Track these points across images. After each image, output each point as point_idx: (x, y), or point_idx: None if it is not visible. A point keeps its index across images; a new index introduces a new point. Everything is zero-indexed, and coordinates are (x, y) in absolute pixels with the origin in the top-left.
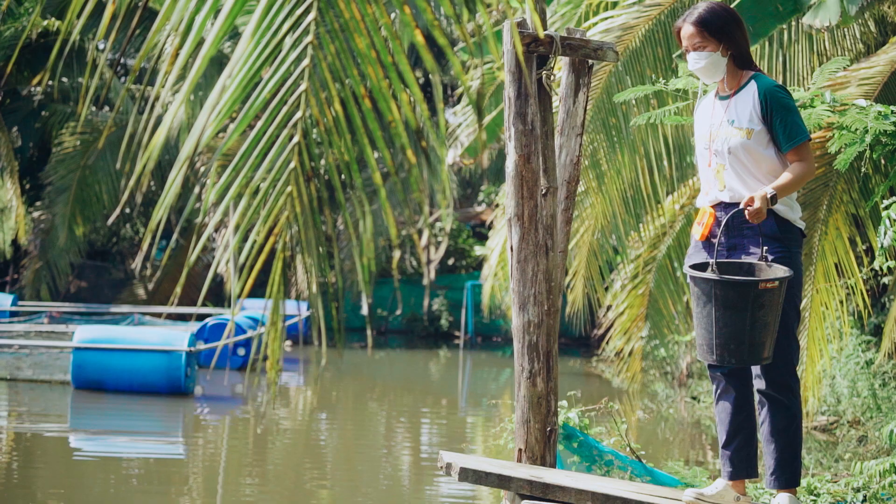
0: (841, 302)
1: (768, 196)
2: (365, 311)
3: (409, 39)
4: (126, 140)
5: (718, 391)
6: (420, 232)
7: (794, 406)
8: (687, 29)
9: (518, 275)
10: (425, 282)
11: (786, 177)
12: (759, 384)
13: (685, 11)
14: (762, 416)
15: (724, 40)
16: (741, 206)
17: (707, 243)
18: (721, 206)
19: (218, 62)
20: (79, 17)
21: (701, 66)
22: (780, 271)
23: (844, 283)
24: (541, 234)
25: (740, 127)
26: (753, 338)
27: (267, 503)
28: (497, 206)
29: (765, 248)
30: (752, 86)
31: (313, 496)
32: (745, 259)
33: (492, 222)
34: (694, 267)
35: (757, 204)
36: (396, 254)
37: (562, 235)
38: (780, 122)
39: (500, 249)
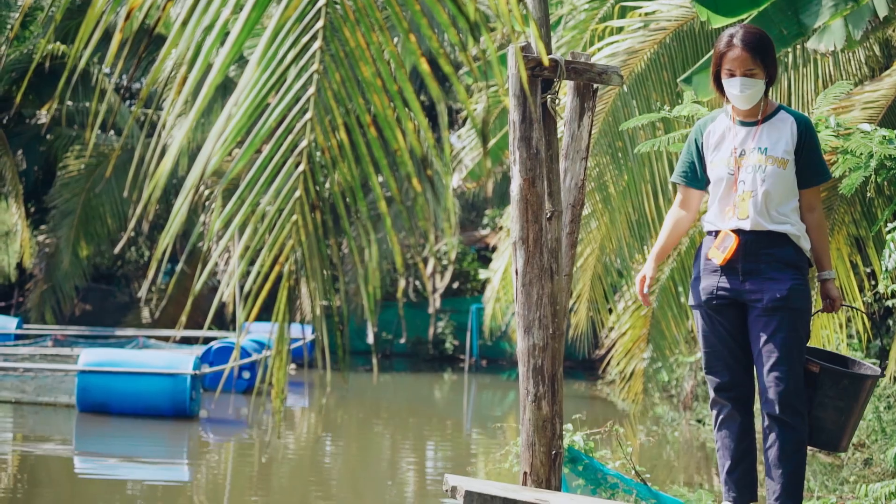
0: (841, 325)
1: (832, 279)
2: (370, 339)
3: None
4: (133, 167)
5: (721, 417)
6: (426, 260)
7: (802, 430)
8: (739, 53)
9: (523, 298)
10: (430, 310)
11: (820, 247)
12: (769, 409)
13: (724, 33)
14: (770, 440)
15: (769, 67)
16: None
17: (727, 267)
18: (739, 232)
19: (222, 87)
20: (86, 45)
21: (748, 93)
22: (869, 369)
23: (847, 307)
24: (546, 258)
25: (775, 156)
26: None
27: None
28: (501, 228)
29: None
30: (786, 116)
31: None
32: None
33: (495, 245)
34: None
35: (835, 295)
36: (402, 282)
37: (567, 259)
38: (811, 157)
39: (503, 272)
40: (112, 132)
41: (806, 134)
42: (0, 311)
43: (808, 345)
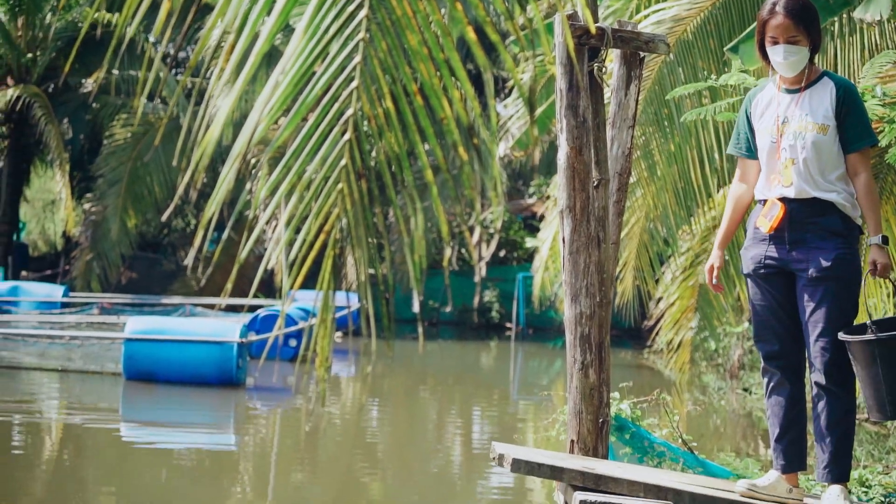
0: (888, 296)
1: (880, 244)
2: (416, 307)
3: (459, 33)
4: (182, 135)
5: (772, 384)
6: (472, 229)
7: (850, 400)
8: (782, 20)
9: (570, 266)
10: (477, 279)
11: (867, 211)
12: (817, 377)
13: (764, 2)
14: (818, 409)
15: (813, 34)
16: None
17: (774, 236)
18: (784, 201)
19: (267, 57)
20: (134, 14)
21: (792, 60)
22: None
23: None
24: (593, 226)
25: (815, 122)
26: None
27: (318, 494)
28: (548, 198)
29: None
30: (828, 82)
31: (364, 487)
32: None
33: (543, 214)
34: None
35: (884, 261)
36: (448, 250)
37: (614, 227)
38: (853, 121)
39: (551, 241)
40: (159, 101)
41: (846, 98)
42: (46, 280)
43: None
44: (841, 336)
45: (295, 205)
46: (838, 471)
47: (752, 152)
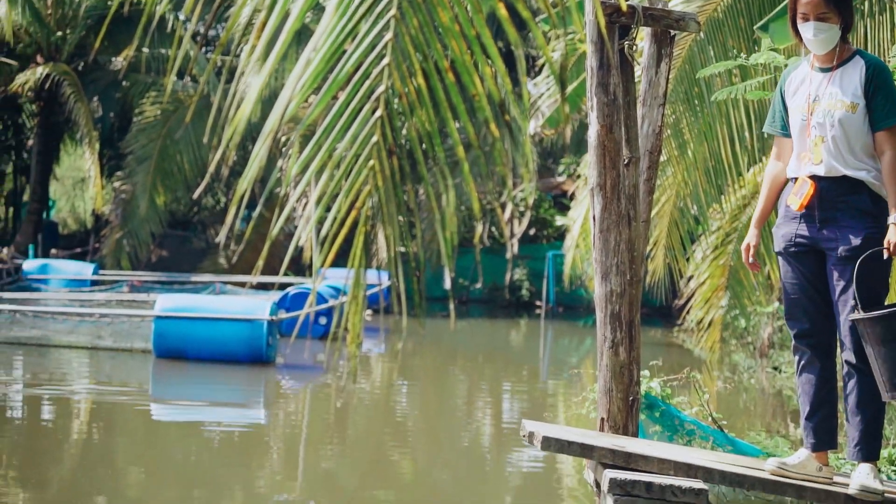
0: None
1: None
2: (448, 284)
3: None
4: (213, 113)
5: (802, 363)
6: (503, 206)
7: None
8: None
9: (600, 244)
10: (508, 255)
11: (891, 185)
12: (847, 356)
13: None
14: (849, 387)
15: (844, 12)
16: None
17: (805, 214)
18: (815, 179)
19: (297, 35)
20: None
21: (822, 37)
22: None
23: None
24: (623, 204)
25: (845, 100)
26: None
27: (348, 471)
28: (579, 176)
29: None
30: (859, 60)
31: (394, 465)
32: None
33: (574, 193)
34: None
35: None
36: (479, 227)
37: (644, 205)
38: (881, 99)
39: (582, 220)
40: (189, 79)
41: (875, 76)
42: (76, 257)
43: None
44: (851, 317)
45: (326, 182)
46: (868, 449)
47: (787, 130)
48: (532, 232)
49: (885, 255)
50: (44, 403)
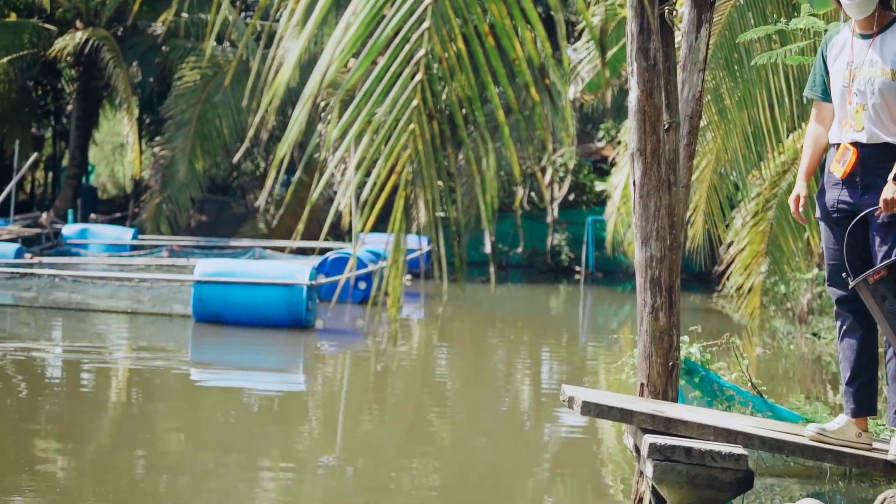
0: None
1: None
2: (488, 248)
3: None
4: (252, 76)
5: (844, 328)
6: (543, 170)
7: None
8: None
9: (640, 210)
10: (549, 220)
11: None
12: None
13: None
14: (889, 354)
15: None
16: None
17: (847, 181)
18: (856, 145)
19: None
20: None
21: (859, 1)
22: None
23: None
24: (663, 169)
25: (884, 67)
26: None
27: (386, 436)
28: (619, 143)
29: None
30: None
31: (433, 429)
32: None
33: (614, 159)
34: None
35: (888, 196)
36: (519, 191)
37: (684, 170)
38: None
39: (622, 186)
40: (228, 44)
41: None
42: (115, 222)
43: None
44: (852, 283)
45: (365, 147)
46: None
47: (827, 95)
48: (572, 197)
49: (879, 214)
50: (83, 368)
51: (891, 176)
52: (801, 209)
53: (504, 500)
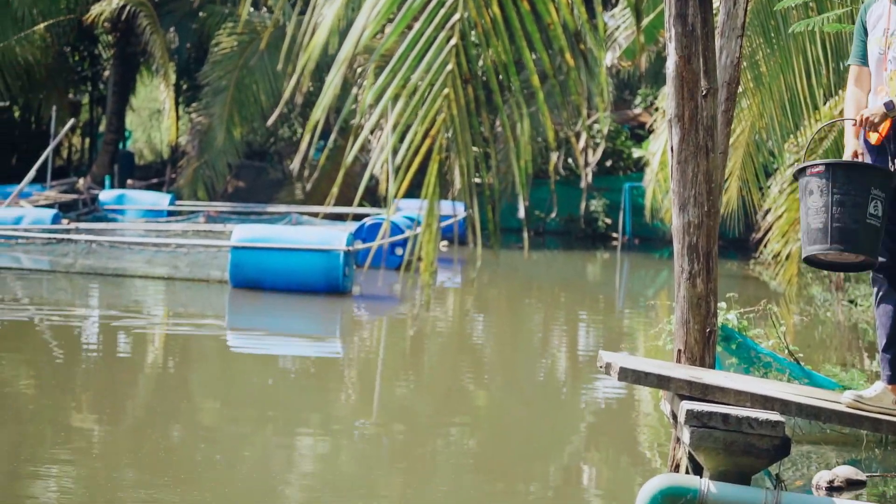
0: None
1: (886, 104)
2: (521, 213)
3: None
4: (287, 40)
5: (880, 294)
6: (578, 135)
7: None
8: None
9: (678, 176)
10: (583, 185)
11: None
12: None
13: None
14: None
15: None
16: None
17: (881, 148)
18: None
19: None
20: None
21: None
22: None
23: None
24: (701, 135)
25: None
26: None
27: (422, 402)
28: (657, 109)
29: None
30: None
31: (469, 394)
32: None
33: (652, 126)
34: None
35: (868, 114)
36: (554, 157)
37: (722, 136)
38: None
39: (661, 153)
40: (264, 9)
41: None
42: (152, 188)
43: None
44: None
45: (400, 111)
46: None
47: (865, 60)
48: (609, 163)
49: (852, 125)
50: (119, 334)
51: (885, 99)
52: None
53: (540, 466)
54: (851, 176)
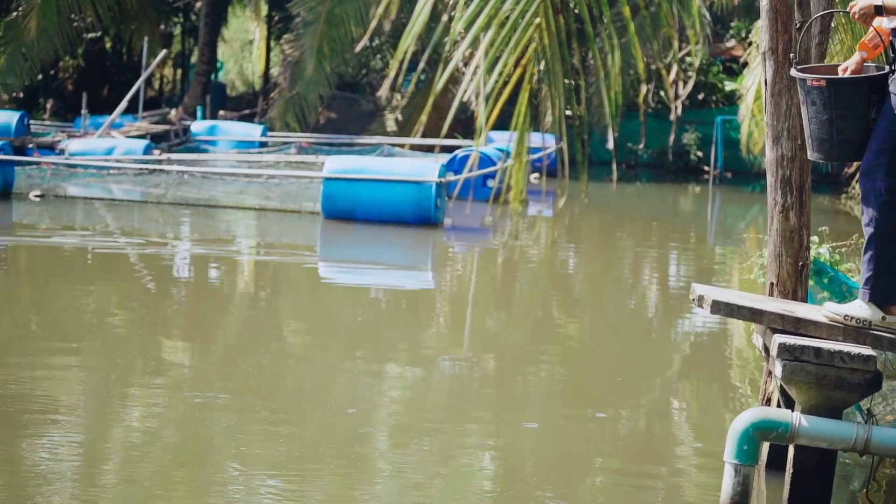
0: None
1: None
2: (611, 145)
3: None
4: None
5: None
6: (669, 67)
7: None
8: None
9: (772, 109)
10: (672, 117)
11: None
12: None
13: None
14: None
15: None
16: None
17: None
18: None
19: None
20: None
21: None
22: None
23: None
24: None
25: None
26: None
27: (513, 334)
28: (750, 43)
29: None
30: None
31: (560, 327)
32: None
33: (746, 61)
34: None
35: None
36: (644, 88)
37: None
38: None
39: (755, 88)
40: None
41: None
42: (244, 119)
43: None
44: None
45: (491, 39)
46: None
47: None
48: (700, 97)
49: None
50: (211, 264)
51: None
52: None
53: (630, 397)
54: (855, 91)
